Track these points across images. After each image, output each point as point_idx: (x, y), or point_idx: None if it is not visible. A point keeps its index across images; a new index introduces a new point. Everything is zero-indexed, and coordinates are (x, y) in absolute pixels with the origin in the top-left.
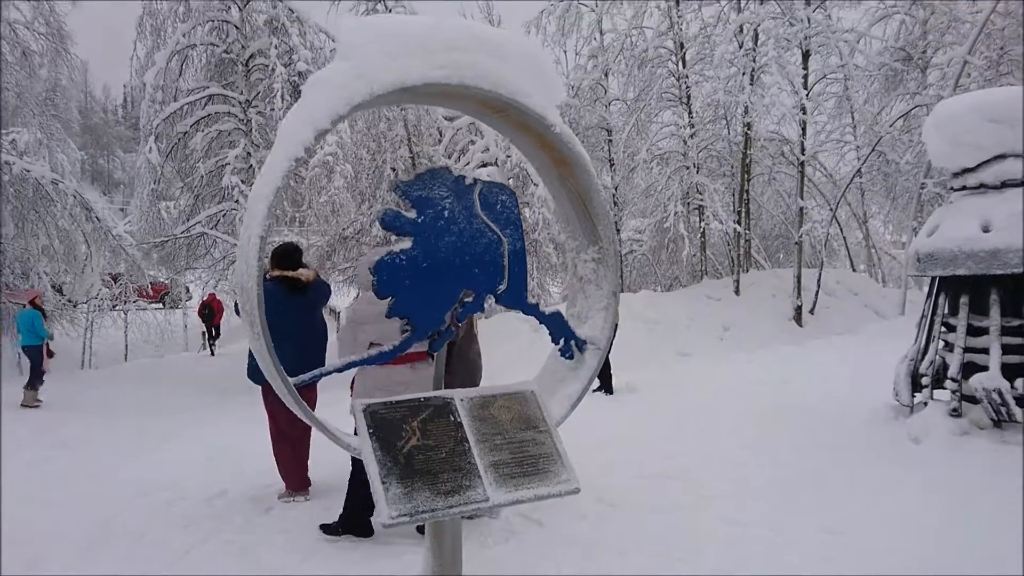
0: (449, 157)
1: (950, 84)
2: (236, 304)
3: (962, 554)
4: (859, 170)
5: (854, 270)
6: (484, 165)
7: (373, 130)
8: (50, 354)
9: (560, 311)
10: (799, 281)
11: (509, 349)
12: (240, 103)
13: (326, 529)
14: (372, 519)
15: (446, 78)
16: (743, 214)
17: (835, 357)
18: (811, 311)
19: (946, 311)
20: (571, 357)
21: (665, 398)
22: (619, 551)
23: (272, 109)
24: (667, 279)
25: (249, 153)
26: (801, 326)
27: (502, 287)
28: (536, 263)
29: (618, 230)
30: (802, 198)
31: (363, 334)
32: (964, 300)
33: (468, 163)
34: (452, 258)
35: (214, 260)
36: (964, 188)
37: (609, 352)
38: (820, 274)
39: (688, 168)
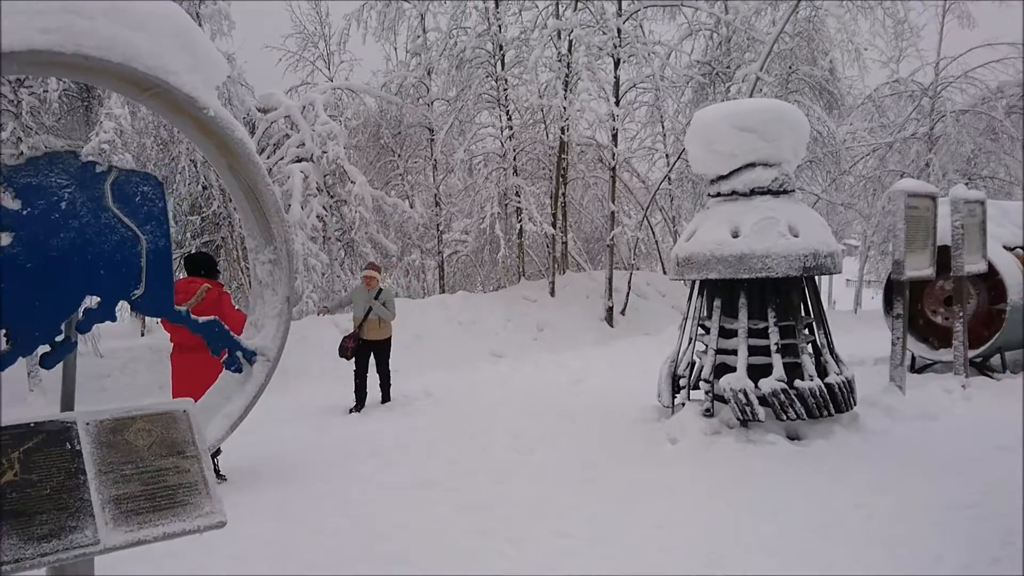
0: (262, 152)
1: (745, 98)
2: None
3: (688, 553)
4: (667, 176)
5: (664, 272)
6: (299, 160)
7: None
8: None
9: (217, 319)
10: (611, 283)
11: None
12: (10, 82)
13: None
14: None
15: (58, 45)
16: (559, 217)
17: (634, 357)
18: (622, 312)
19: (703, 314)
20: (239, 370)
21: (457, 402)
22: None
23: (46, 91)
24: (491, 281)
25: (19, 138)
26: (612, 326)
27: (138, 292)
28: None
29: (441, 231)
30: (613, 202)
31: None
32: (717, 303)
33: (282, 158)
34: (69, 258)
35: None
36: (719, 195)
37: (388, 360)
38: (631, 276)
39: (505, 170)
